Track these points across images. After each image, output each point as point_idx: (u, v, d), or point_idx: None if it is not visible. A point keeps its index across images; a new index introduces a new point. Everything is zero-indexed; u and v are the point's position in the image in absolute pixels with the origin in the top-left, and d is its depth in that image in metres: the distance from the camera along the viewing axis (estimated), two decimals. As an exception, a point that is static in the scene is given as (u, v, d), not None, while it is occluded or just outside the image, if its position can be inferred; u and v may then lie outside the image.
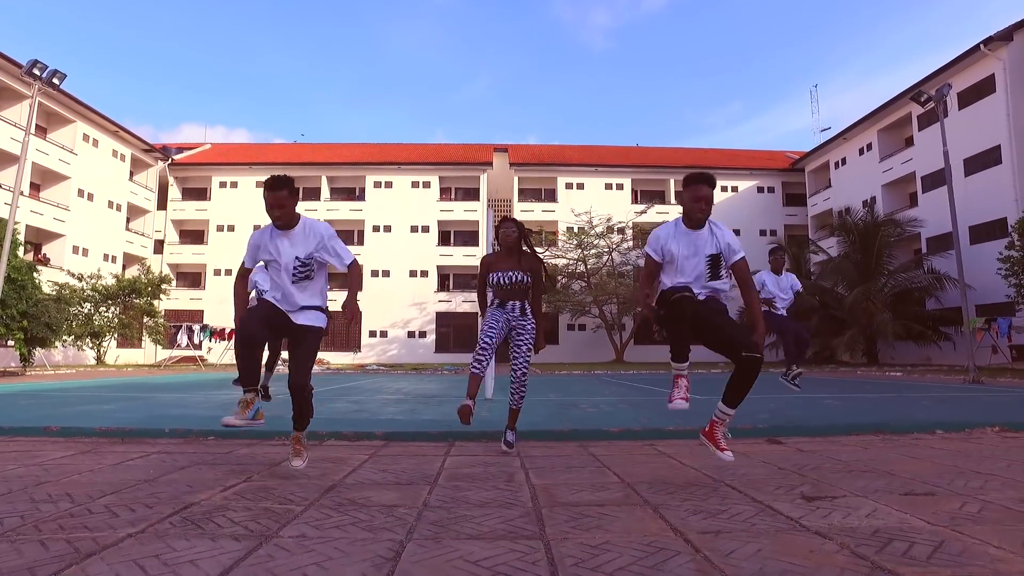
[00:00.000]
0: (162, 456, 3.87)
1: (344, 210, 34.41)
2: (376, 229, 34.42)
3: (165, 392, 9.89)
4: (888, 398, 8.49)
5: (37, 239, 25.67)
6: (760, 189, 35.91)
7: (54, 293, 20.77)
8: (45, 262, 24.58)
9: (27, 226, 21.92)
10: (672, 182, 35.97)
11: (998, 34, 21.16)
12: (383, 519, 2.36)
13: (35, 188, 25.96)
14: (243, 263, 3.41)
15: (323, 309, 3.36)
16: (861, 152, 31.06)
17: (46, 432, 4.66)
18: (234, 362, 5.72)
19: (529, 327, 4.06)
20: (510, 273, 4.01)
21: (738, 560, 1.89)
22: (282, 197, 3.21)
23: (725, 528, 2.25)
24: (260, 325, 3.17)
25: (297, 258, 3.24)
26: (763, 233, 34.87)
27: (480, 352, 3.91)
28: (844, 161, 32.49)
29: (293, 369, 3.22)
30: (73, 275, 23.92)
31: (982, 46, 21.52)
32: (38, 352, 19.07)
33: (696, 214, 3.14)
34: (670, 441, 4.52)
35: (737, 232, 34.66)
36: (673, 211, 34.71)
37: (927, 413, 6.19)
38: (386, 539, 2.12)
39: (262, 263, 3.37)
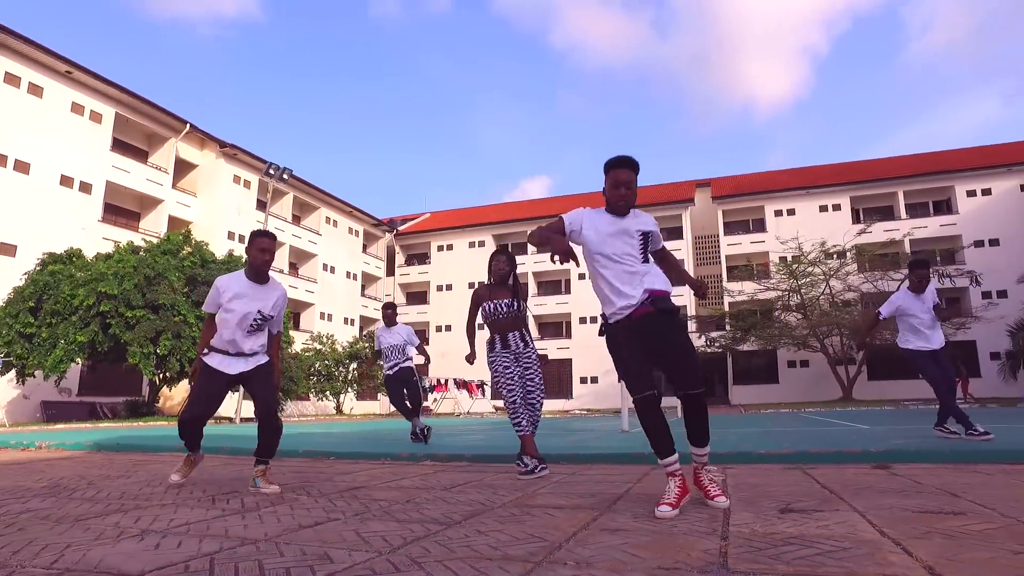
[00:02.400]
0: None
1: (547, 262, 36.02)
2: (582, 277, 35.30)
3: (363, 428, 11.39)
4: None
5: (294, 309, 31.40)
6: (1028, 186, 29.29)
7: (307, 352, 25.06)
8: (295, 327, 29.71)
9: (288, 299, 27.05)
10: (900, 194, 31.21)
11: None
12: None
13: (293, 267, 31.87)
14: (208, 310, 3.60)
15: (265, 351, 3.64)
16: None
17: (219, 451, 5.84)
18: (452, 411, 6.54)
19: (534, 356, 4.12)
20: (506, 301, 4.07)
21: (589, 549, 1.84)
22: (274, 247, 3.58)
23: (633, 528, 2.13)
24: (209, 409, 3.51)
25: (260, 311, 3.51)
26: (1035, 239, 28.25)
27: (515, 413, 3.97)
28: None
29: (263, 402, 3.46)
30: (314, 338, 28.49)
31: None
32: (286, 402, 22.93)
33: (618, 202, 2.78)
34: (749, 465, 4.10)
35: (995, 243, 28.59)
36: (904, 226, 29.99)
37: None
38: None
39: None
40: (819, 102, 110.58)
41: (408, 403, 6.72)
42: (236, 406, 17.34)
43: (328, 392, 27.72)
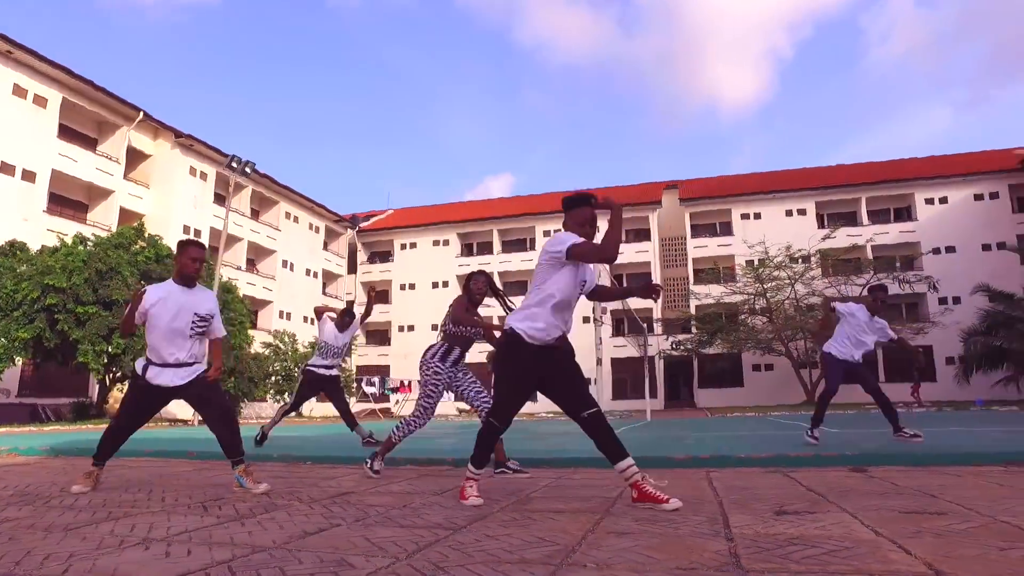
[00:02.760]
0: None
1: (516, 261, 36.08)
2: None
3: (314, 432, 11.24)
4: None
5: (252, 307, 30.57)
6: (979, 196, 30.62)
7: (263, 352, 24.60)
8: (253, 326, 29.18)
9: (244, 295, 26.31)
10: (863, 201, 32.31)
11: None
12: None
13: (251, 263, 31.13)
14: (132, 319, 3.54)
15: (203, 359, 3.73)
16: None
17: (188, 456, 5.72)
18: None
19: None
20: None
21: (603, 551, 1.88)
22: (204, 255, 3.68)
23: (643, 531, 2.19)
24: (142, 421, 3.63)
25: (196, 313, 3.56)
26: (987, 248, 29.61)
27: (412, 428, 4.22)
28: (1093, 151, 26.65)
29: (218, 407, 3.55)
30: (275, 335, 28.01)
31: None
32: (244, 404, 22.49)
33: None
34: (733, 469, 4.22)
35: (951, 250, 29.82)
36: (866, 232, 31.08)
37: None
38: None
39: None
40: (783, 106, 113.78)
41: (342, 412, 6.62)
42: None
43: (288, 394, 27.26)
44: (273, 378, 25.17)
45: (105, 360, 16.60)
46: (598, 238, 2.89)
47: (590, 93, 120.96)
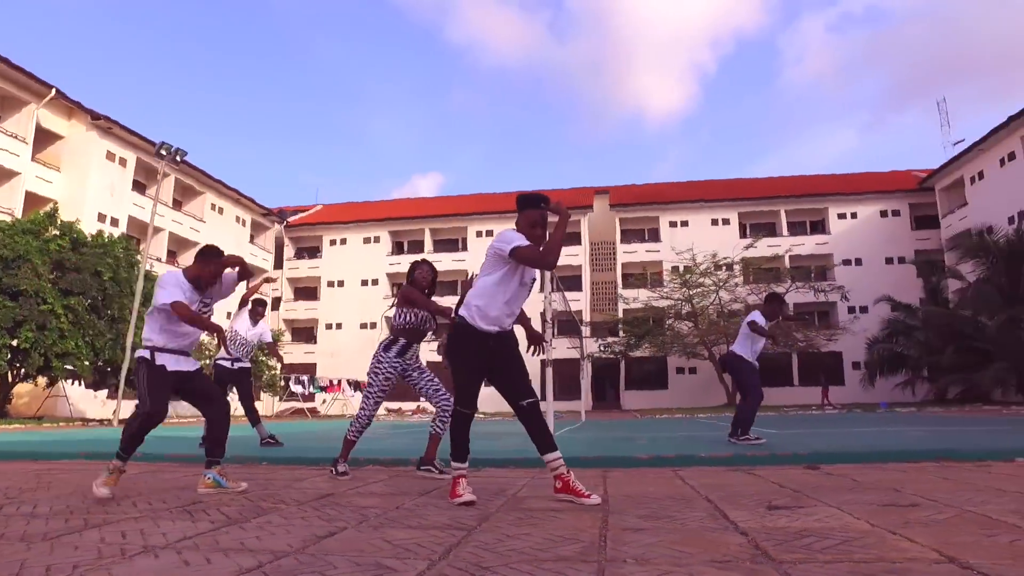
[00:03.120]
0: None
1: (447, 261, 35.82)
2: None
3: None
4: (1001, 430, 7.52)
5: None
6: (884, 213, 33.15)
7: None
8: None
9: (166, 289, 24.92)
10: (783, 213, 34.24)
11: None
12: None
13: (172, 255, 29.44)
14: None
15: None
16: (1002, 163, 27.89)
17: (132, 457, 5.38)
18: (342, 412, 6.41)
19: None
20: (424, 314, 4.22)
21: (631, 547, 1.94)
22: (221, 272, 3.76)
23: (653, 527, 2.27)
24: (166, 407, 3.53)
25: (203, 300, 3.67)
26: (890, 261, 32.04)
27: (362, 423, 4.24)
28: (982, 175, 29.32)
29: (221, 400, 3.62)
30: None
31: None
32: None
33: (537, 242, 3.04)
34: (698, 468, 4.40)
35: (859, 262, 32.13)
36: (785, 243, 32.96)
37: (1017, 440, 5.49)
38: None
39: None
40: (706, 118, 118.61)
41: (247, 408, 6.75)
42: (116, 406, 15.88)
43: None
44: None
45: (8, 355, 15.30)
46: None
47: (520, 96, 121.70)
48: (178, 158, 16.56)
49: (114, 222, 24.37)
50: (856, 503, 2.66)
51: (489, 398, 5.52)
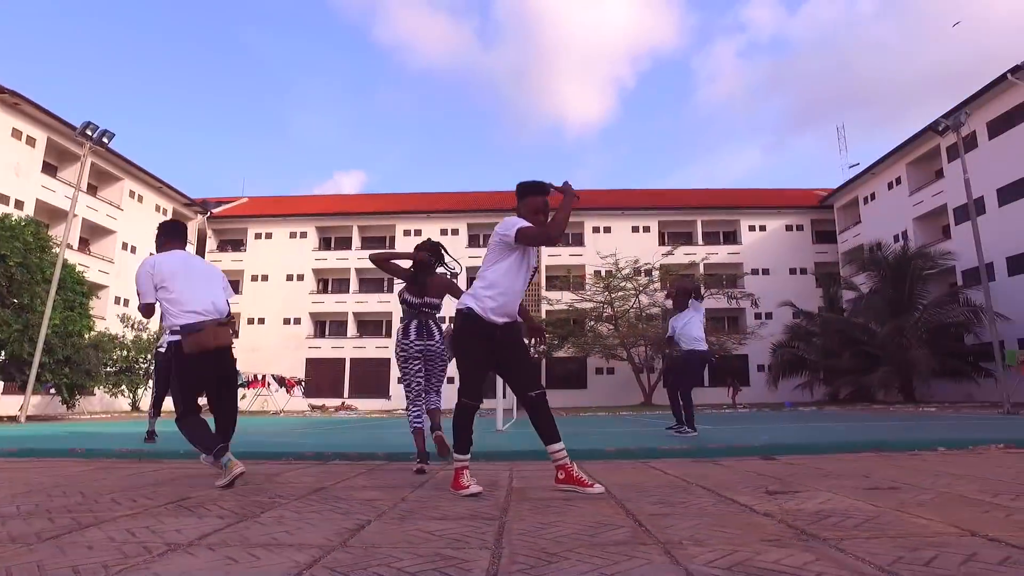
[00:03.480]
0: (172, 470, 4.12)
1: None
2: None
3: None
4: (907, 424, 8.29)
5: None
6: (789, 227, 35.61)
7: (101, 338, 21.64)
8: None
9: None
10: (699, 223, 35.98)
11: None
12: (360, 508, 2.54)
13: (84, 243, 27.36)
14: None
15: None
16: (890, 186, 30.70)
17: (71, 453, 4.96)
18: (263, 408, 6.07)
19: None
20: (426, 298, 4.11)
21: (674, 530, 2.01)
22: None
23: (676, 512, 2.36)
24: None
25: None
26: (793, 272, 34.46)
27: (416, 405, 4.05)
28: (873, 196, 32.14)
29: (236, 386, 3.79)
30: (124, 321, 24.82)
31: (1009, 75, 21.37)
32: (79, 398, 19.75)
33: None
34: (664, 460, 4.58)
35: (767, 272, 34.33)
36: (701, 251, 34.65)
37: (931, 432, 6.08)
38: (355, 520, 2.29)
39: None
40: (624, 130, 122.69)
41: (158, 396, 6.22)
42: (24, 401, 14.51)
43: (125, 387, 24.18)
44: (107, 368, 22.18)
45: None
46: None
47: (446, 99, 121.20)
48: (105, 139, 15.13)
49: (19, 204, 22.29)
50: (842, 488, 2.87)
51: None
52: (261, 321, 33.80)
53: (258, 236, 35.74)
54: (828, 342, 25.92)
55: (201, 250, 35.45)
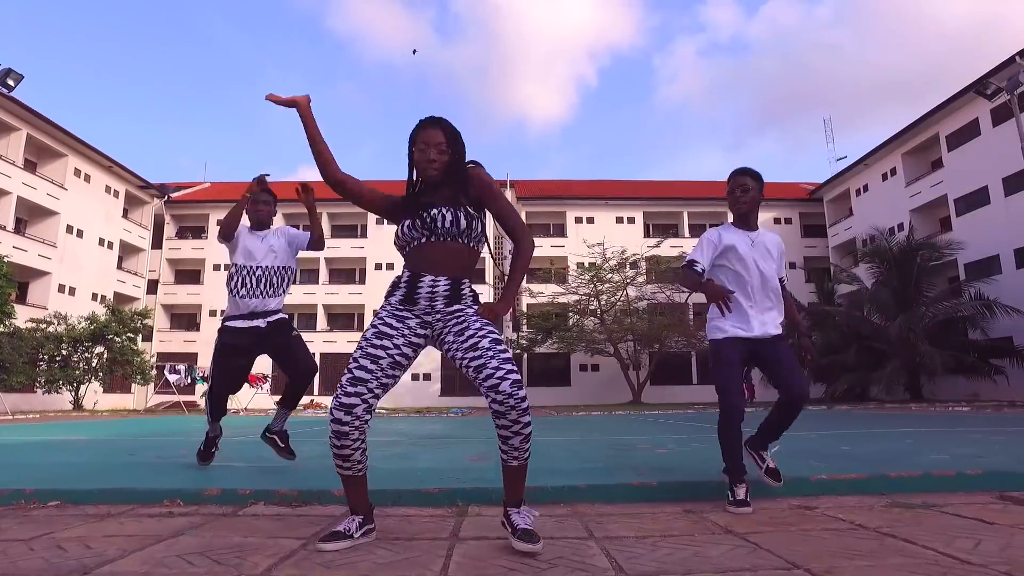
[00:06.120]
0: None
1: (345, 248, 33.43)
2: (378, 267, 33.35)
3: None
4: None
5: (21, 277, 24.33)
6: (777, 220, 34.53)
7: (33, 329, 19.49)
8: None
9: (8, 263, 20.66)
10: (685, 215, 34.70)
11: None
12: None
13: (20, 224, 24.92)
14: None
15: None
16: (884, 178, 29.74)
17: None
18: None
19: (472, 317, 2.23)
20: (444, 210, 2.23)
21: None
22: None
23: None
24: None
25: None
26: (783, 265, 33.54)
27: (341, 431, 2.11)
28: (866, 188, 31.18)
29: None
30: (54, 317, 22.53)
31: (1018, 58, 20.28)
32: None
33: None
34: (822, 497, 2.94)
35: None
36: (688, 244, 33.31)
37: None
38: None
39: None
40: (586, 127, 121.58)
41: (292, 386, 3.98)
42: None
43: (63, 383, 21.89)
44: (43, 365, 20.01)
45: None
46: None
47: (406, 93, 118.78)
48: (11, 80, 12.89)
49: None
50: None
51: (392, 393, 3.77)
52: (223, 313, 31.64)
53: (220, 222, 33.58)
54: (827, 337, 24.63)
55: (158, 237, 33.10)
